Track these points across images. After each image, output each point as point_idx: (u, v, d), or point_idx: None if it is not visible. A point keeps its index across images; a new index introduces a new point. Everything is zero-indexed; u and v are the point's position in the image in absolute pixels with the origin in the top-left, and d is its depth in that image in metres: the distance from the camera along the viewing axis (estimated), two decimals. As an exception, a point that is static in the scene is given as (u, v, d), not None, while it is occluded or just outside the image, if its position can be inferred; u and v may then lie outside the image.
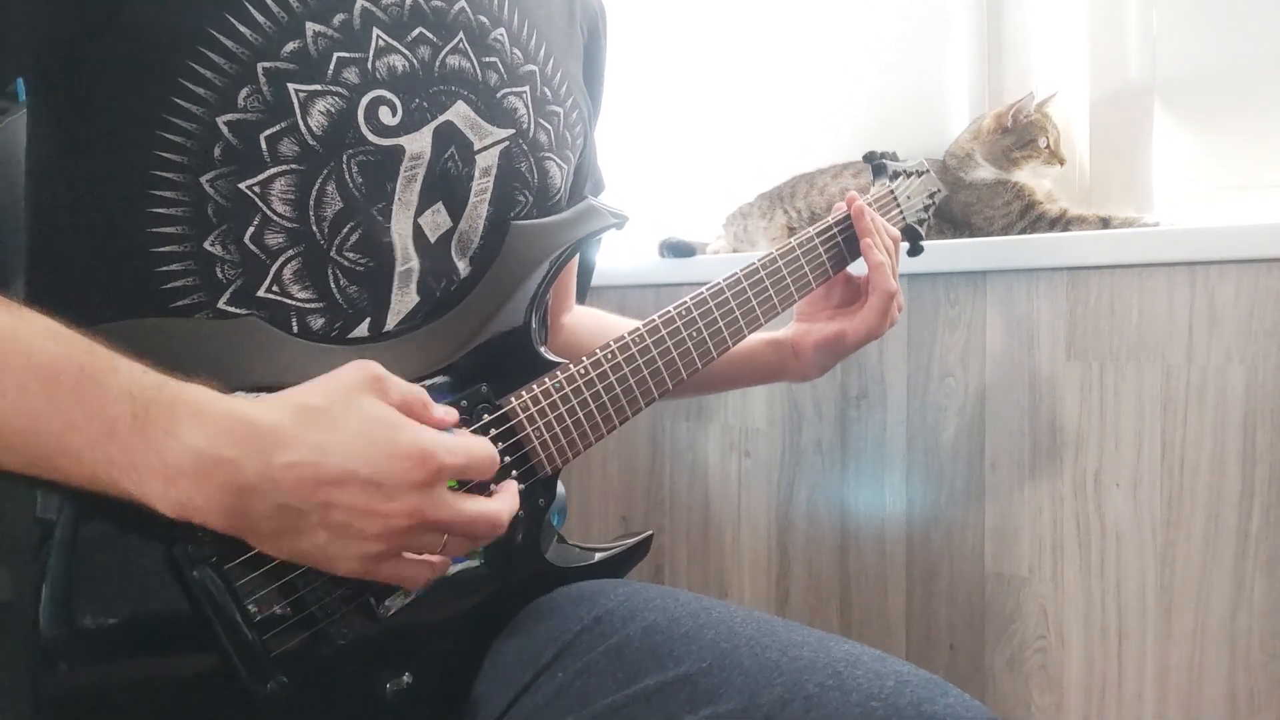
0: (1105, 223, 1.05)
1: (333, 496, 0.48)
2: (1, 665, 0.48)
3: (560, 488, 0.70)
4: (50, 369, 0.46)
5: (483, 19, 0.67)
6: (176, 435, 0.46)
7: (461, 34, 0.65)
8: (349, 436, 0.49)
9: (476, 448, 0.54)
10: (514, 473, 0.64)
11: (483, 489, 0.59)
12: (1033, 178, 1.12)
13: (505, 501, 0.56)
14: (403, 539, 0.50)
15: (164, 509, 0.47)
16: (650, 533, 0.75)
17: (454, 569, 0.61)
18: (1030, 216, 1.10)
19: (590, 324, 0.91)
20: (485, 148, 0.66)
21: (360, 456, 0.48)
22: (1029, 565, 1.07)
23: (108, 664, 0.50)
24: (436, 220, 0.64)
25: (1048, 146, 1.10)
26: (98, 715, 0.50)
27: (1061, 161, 1.11)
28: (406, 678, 0.59)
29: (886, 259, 0.83)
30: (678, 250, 1.39)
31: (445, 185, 0.64)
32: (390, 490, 0.49)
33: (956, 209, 1.15)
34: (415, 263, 0.63)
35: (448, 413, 0.55)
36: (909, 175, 0.95)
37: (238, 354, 0.56)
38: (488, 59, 0.67)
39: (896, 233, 0.88)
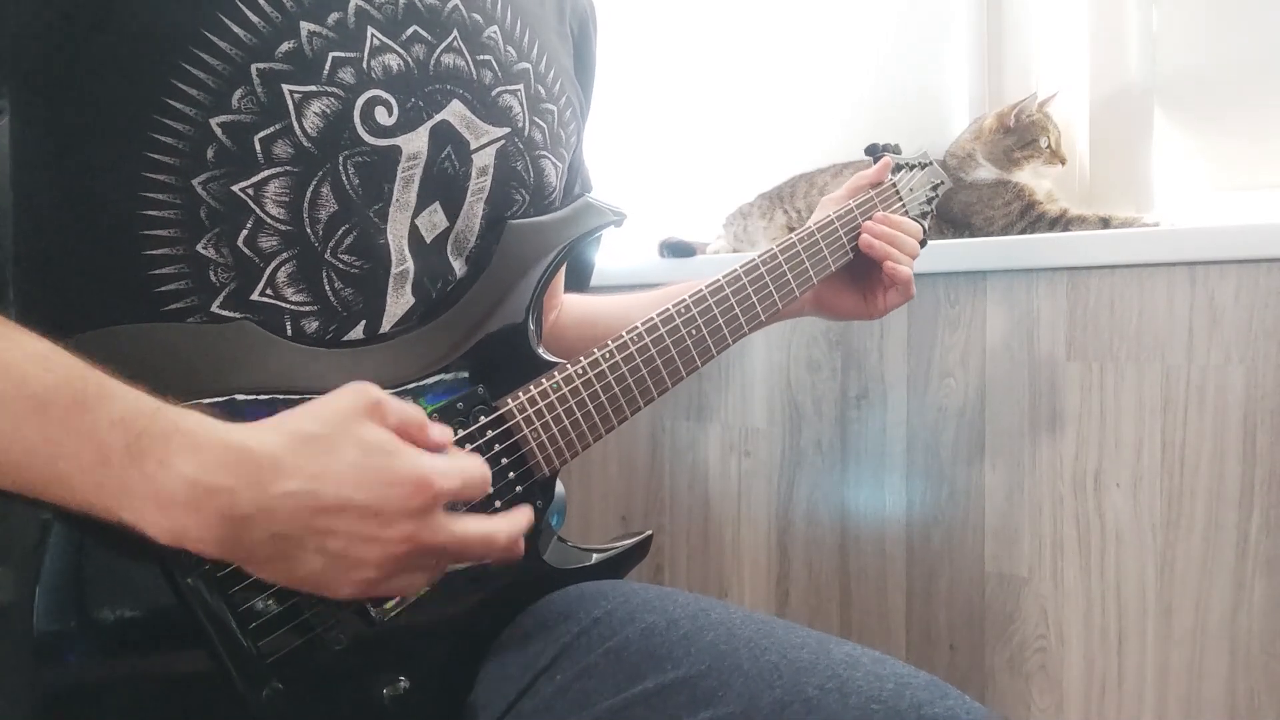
0: (1105, 223, 1.05)
1: (330, 524, 0.48)
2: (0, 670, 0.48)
3: (559, 488, 0.69)
4: (41, 398, 0.46)
5: (476, 17, 0.66)
6: (170, 465, 0.46)
7: (456, 32, 0.65)
8: (345, 464, 0.49)
9: (471, 469, 0.54)
10: (510, 474, 0.63)
11: (486, 506, 0.60)
12: (1033, 178, 1.12)
13: (505, 522, 0.55)
14: (398, 563, 0.50)
15: (158, 536, 0.46)
16: (649, 533, 0.75)
17: (452, 566, 0.61)
18: (1030, 216, 1.10)
19: (576, 315, 0.91)
20: (481, 147, 0.66)
21: (357, 484, 0.48)
22: (1029, 565, 1.07)
23: (104, 672, 0.50)
24: (433, 220, 0.64)
25: (1049, 146, 1.10)
26: None
27: (1063, 161, 1.11)
28: (403, 682, 0.59)
29: (908, 270, 0.85)
30: (678, 250, 1.39)
31: (442, 185, 0.64)
32: (387, 517, 0.49)
33: (956, 209, 1.14)
34: (410, 264, 0.63)
35: (443, 432, 0.55)
36: (911, 168, 0.95)
37: (231, 358, 0.56)
38: (482, 57, 0.66)
39: (916, 228, 0.88)
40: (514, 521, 0.56)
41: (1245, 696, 0.94)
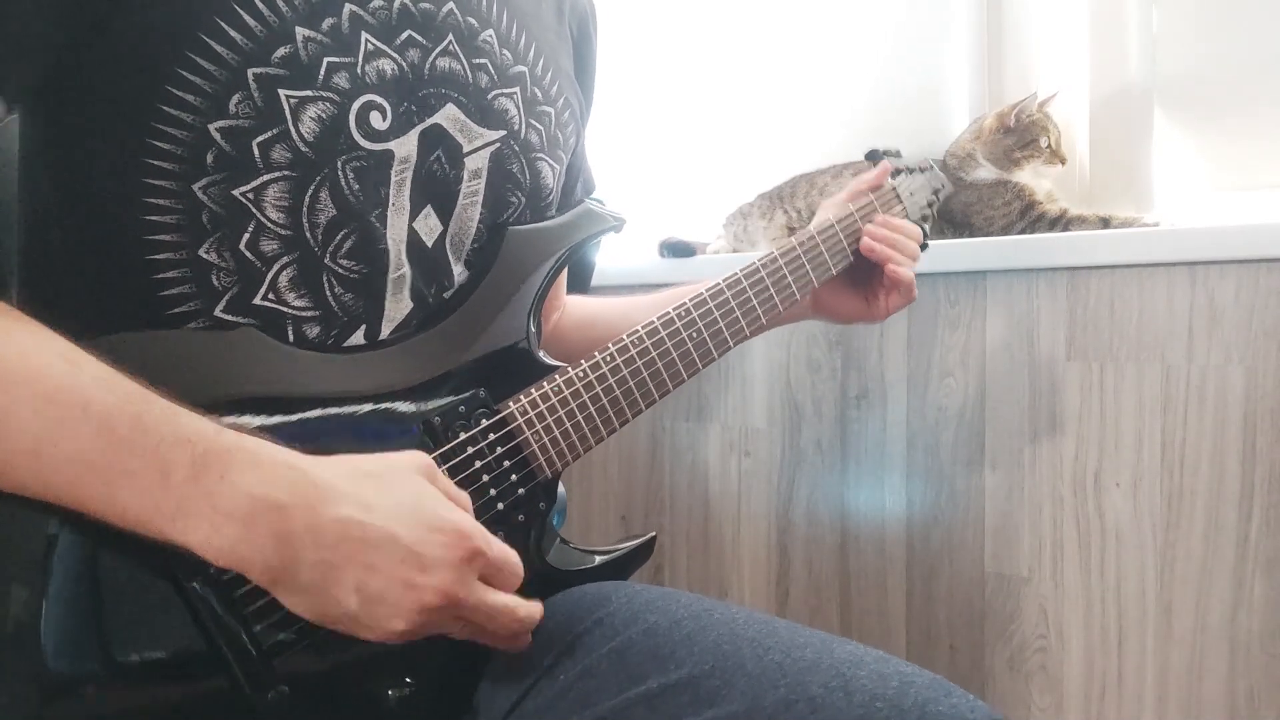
0: (1105, 223, 1.05)
1: (372, 559, 0.49)
2: (5, 677, 0.48)
3: (560, 489, 0.70)
4: (105, 419, 0.47)
5: (471, 20, 0.66)
6: (231, 480, 0.47)
7: (451, 36, 0.65)
8: (395, 502, 0.50)
9: (510, 553, 0.56)
10: (513, 476, 0.63)
11: (490, 505, 0.62)
12: (1033, 178, 1.12)
13: (526, 604, 0.57)
14: (429, 617, 0.51)
15: (208, 555, 0.47)
16: (653, 535, 0.75)
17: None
18: (1030, 216, 1.10)
19: (577, 318, 0.91)
20: (475, 150, 0.66)
21: (405, 523, 0.50)
22: (1029, 565, 1.07)
23: (109, 675, 0.50)
24: (429, 224, 0.64)
25: (1049, 146, 1.10)
26: None
27: (1063, 161, 1.11)
28: (408, 683, 0.59)
29: (910, 273, 0.85)
30: (677, 250, 1.39)
31: (432, 188, 0.64)
32: (427, 563, 0.50)
33: (957, 209, 1.15)
34: (407, 269, 0.63)
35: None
36: (912, 172, 0.95)
37: (234, 364, 0.56)
38: (477, 60, 0.66)
39: (916, 230, 0.88)
40: (532, 608, 0.57)
41: (1245, 696, 0.94)
